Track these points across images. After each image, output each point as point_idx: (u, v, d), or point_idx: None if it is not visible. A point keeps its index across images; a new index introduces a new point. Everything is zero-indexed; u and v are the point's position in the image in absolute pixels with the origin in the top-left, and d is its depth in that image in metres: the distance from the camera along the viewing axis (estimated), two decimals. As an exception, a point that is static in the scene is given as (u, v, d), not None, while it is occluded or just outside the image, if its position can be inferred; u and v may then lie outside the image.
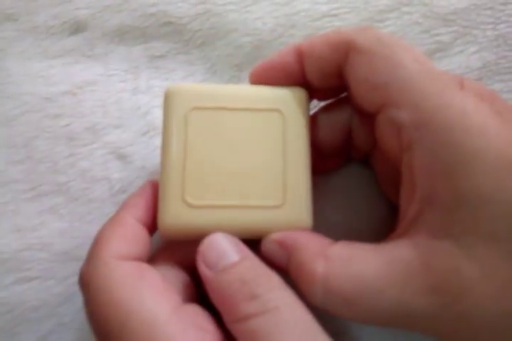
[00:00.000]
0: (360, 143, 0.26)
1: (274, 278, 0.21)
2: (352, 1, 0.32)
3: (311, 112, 0.26)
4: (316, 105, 0.28)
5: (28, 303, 0.27)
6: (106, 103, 0.31)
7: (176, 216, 0.22)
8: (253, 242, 0.23)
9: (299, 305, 0.20)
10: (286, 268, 0.22)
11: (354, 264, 0.20)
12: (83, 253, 0.27)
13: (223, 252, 0.21)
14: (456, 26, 0.31)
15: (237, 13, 0.32)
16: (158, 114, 0.30)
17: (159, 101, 0.30)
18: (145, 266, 0.22)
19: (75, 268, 0.27)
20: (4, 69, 0.31)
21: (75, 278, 0.27)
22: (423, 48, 0.30)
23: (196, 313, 0.21)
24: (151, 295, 0.20)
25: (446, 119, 0.19)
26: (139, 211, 0.23)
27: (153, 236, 0.24)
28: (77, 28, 0.32)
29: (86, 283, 0.21)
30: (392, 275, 0.19)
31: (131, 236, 0.22)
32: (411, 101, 0.20)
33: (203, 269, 0.21)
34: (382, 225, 0.28)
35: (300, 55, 0.24)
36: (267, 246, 0.23)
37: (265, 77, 0.25)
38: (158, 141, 0.30)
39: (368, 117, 0.24)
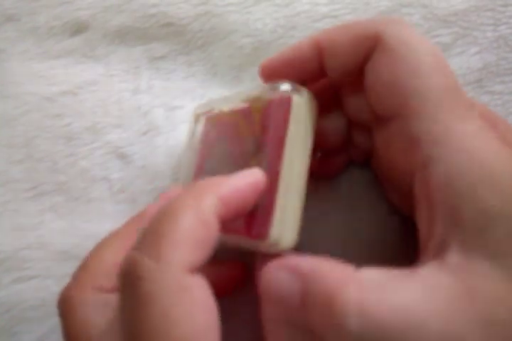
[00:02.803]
0: (358, 146, 0.26)
1: None
2: (352, 2, 0.32)
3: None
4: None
5: (27, 302, 0.27)
6: (106, 103, 0.31)
7: None
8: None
9: None
10: (297, 302, 0.18)
11: (391, 291, 0.17)
12: (82, 252, 0.27)
13: None
14: (457, 27, 0.31)
15: (237, 14, 0.32)
16: (158, 114, 0.30)
17: (160, 101, 0.31)
18: (209, 291, 0.18)
19: (74, 267, 0.27)
20: (5, 69, 0.31)
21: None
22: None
23: None
24: (211, 335, 0.18)
25: (464, 138, 0.18)
26: (225, 209, 0.19)
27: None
28: (78, 28, 0.32)
29: (147, 292, 0.17)
30: (436, 304, 0.16)
31: (209, 241, 0.19)
32: (433, 115, 0.19)
33: None
34: (382, 227, 0.28)
35: (318, 50, 0.22)
36: (272, 274, 0.19)
37: (278, 71, 0.23)
38: (158, 141, 0.30)
39: (365, 125, 0.23)
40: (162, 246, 0.18)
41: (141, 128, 0.30)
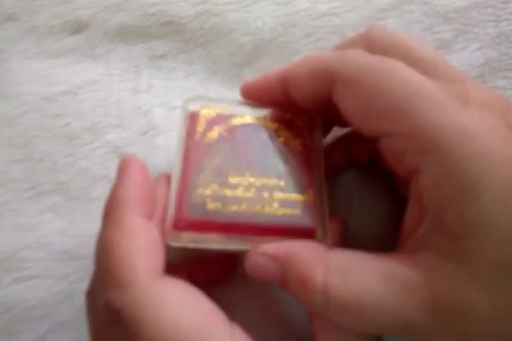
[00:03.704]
0: (361, 153, 0.27)
1: None
2: (352, -1, 0.32)
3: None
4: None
5: (27, 302, 0.26)
6: (106, 102, 0.30)
7: None
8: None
9: None
10: (279, 281, 0.21)
11: (355, 274, 0.20)
12: (83, 251, 0.27)
13: None
14: (458, 24, 0.31)
15: (237, 12, 0.32)
16: (158, 114, 0.30)
17: (160, 100, 0.31)
18: (187, 286, 0.20)
19: (74, 266, 0.27)
20: (5, 69, 0.31)
21: (74, 277, 0.27)
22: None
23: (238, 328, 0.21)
24: (211, 322, 0.19)
25: (448, 145, 0.19)
26: (140, 205, 0.21)
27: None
28: (78, 27, 0.32)
29: (131, 317, 0.19)
30: (393, 289, 0.19)
31: (153, 242, 0.21)
32: (407, 129, 0.19)
33: None
34: (381, 225, 0.27)
35: (284, 84, 0.23)
36: (254, 260, 0.21)
37: (254, 96, 0.25)
38: (158, 141, 0.30)
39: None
40: (116, 272, 0.19)
41: (141, 128, 0.30)
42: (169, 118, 0.30)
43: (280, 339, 0.26)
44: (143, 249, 0.20)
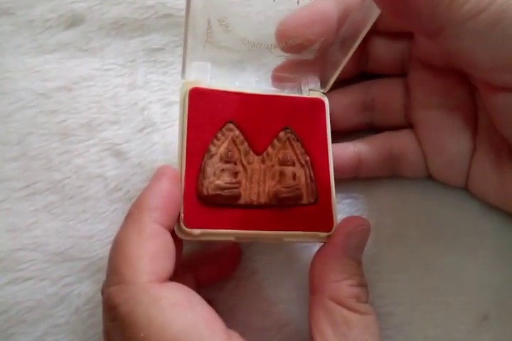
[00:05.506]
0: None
1: None
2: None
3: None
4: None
5: (22, 304, 0.26)
6: (102, 98, 0.30)
7: None
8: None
9: None
10: None
11: None
12: (78, 253, 0.27)
13: None
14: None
15: (238, 7, 0.31)
16: (155, 110, 0.30)
17: (156, 96, 0.30)
18: (189, 291, 0.20)
19: (69, 268, 0.27)
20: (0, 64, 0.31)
21: (69, 279, 0.27)
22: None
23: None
24: (207, 327, 0.19)
25: None
26: (162, 214, 0.21)
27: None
28: (73, 21, 0.31)
29: (126, 314, 0.19)
30: None
31: (164, 249, 0.20)
32: None
33: None
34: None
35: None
36: None
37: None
38: (155, 138, 0.29)
39: None
40: (120, 270, 0.19)
41: (138, 124, 0.29)
42: (166, 114, 0.30)
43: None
44: (151, 253, 0.20)
